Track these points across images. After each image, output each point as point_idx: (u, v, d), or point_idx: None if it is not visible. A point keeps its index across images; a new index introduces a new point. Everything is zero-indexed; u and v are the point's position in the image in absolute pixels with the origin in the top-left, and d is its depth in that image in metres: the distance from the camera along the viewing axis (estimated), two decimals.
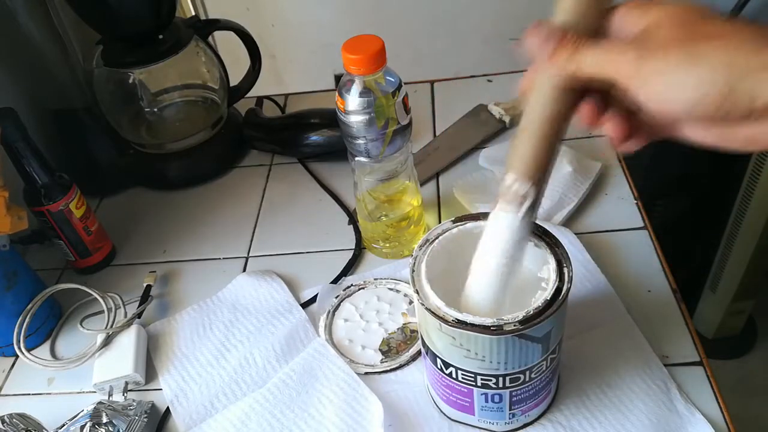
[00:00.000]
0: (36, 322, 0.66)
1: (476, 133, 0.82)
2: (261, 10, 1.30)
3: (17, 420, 0.55)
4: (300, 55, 1.36)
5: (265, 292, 0.66)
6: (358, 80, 0.57)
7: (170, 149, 0.83)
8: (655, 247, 0.65)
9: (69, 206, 0.68)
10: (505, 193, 0.41)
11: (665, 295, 0.61)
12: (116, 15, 0.74)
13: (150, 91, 0.84)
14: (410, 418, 0.54)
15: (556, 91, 0.38)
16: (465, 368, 0.46)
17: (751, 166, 1.10)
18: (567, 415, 0.52)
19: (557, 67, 0.37)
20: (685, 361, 0.55)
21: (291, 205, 0.78)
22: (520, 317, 0.43)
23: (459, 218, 0.50)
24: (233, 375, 0.60)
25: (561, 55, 0.37)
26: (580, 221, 0.69)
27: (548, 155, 0.40)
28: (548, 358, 0.47)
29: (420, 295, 0.45)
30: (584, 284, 0.61)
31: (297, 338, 0.62)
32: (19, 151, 0.64)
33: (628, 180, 0.73)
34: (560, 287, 0.44)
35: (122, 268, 0.74)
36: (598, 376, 0.54)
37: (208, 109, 0.87)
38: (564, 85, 0.38)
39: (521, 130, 0.40)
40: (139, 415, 0.56)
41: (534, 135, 0.39)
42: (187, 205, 0.81)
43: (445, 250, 0.49)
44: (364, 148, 0.60)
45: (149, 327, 0.65)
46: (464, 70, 0.94)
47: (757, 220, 1.14)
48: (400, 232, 0.68)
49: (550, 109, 0.39)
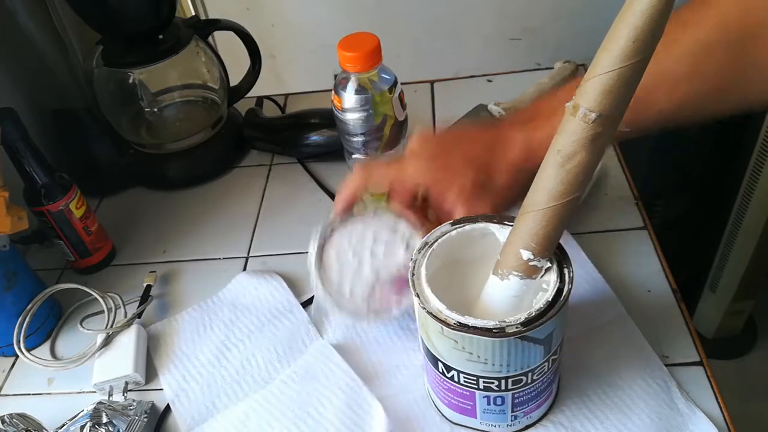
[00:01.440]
0: (36, 322, 0.65)
1: None
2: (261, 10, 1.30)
3: (17, 420, 0.55)
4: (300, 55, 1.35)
5: (265, 291, 0.66)
6: (354, 78, 0.57)
7: (170, 149, 0.83)
8: (655, 247, 0.65)
9: (69, 206, 0.68)
10: (524, 267, 0.44)
11: (665, 296, 0.61)
12: (116, 15, 0.74)
13: (150, 91, 0.84)
14: (411, 421, 0.54)
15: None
16: (467, 371, 0.46)
17: (751, 166, 1.10)
18: (569, 415, 0.52)
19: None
20: (685, 361, 0.55)
21: (291, 205, 0.78)
22: (522, 319, 0.42)
23: (458, 220, 0.50)
24: (234, 375, 0.60)
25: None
26: (580, 221, 0.69)
27: (561, 231, 0.43)
28: (550, 360, 0.47)
29: (421, 299, 0.45)
30: (583, 285, 0.61)
31: (299, 339, 0.62)
32: (19, 151, 0.64)
33: (628, 180, 0.73)
34: (561, 288, 0.44)
35: (122, 268, 0.74)
36: (598, 376, 0.54)
37: (208, 109, 0.86)
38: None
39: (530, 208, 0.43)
40: (139, 415, 0.56)
41: (546, 215, 0.42)
42: (187, 205, 0.81)
43: (445, 253, 0.49)
44: (361, 145, 0.60)
45: (149, 327, 0.65)
46: (464, 70, 0.94)
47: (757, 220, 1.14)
48: None
49: (552, 185, 0.41)
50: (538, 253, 0.43)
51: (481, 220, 0.50)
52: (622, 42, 0.36)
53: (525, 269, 0.44)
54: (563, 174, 0.40)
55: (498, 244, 0.47)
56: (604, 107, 0.38)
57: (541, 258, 0.44)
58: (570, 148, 0.39)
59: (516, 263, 0.44)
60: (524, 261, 0.44)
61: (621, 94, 0.37)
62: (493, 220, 0.49)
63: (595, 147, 0.39)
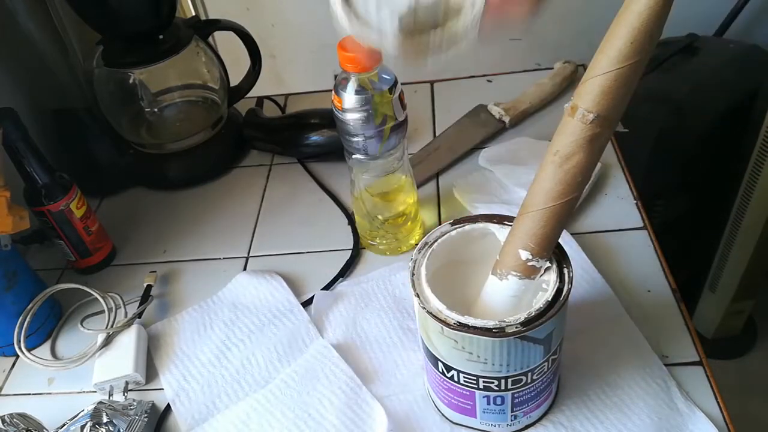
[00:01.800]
0: (36, 322, 0.66)
1: (476, 134, 0.82)
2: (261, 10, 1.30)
3: (18, 420, 0.55)
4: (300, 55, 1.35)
5: (265, 291, 0.66)
6: (354, 78, 0.57)
7: (170, 149, 0.83)
8: (655, 247, 0.65)
9: (69, 206, 0.68)
10: (523, 267, 0.44)
11: (665, 295, 0.61)
12: (116, 15, 0.74)
13: (150, 91, 0.84)
14: (411, 421, 0.54)
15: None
16: (467, 371, 0.46)
17: (750, 166, 1.10)
18: (568, 415, 0.52)
19: None
20: (684, 361, 0.55)
21: (291, 205, 0.78)
22: (522, 319, 0.43)
23: (458, 220, 0.50)
24: (235, 375, 0.60)
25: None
26: (579, 221, 0.69)
27: (559, 231, 0.43)
28: (550, 359, 0.47)
29: (421, 299, 0.45)
30: (583, 285, 0.61)
31: (299, 339, 0.62)
32: (19, 151, 0.64)
33: (628, 180, 0.73)
34: (561, 288, 0.44)
35: (123, 268, 0.74)
36: (598, 376, 0.54)
37: (208, 110, 0.87)
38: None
39: (528, 208, 0.43)
40: (139, 414, 0.56)
41: (544, 215, 0.42)
42: (188, 205, 0.81)
43: (445, 253, 0.49)
44: (361, 145, 0.60)
45: (150, 327, 0.65)
46: (464, 71, 0.94)
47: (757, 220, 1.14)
48: (396, 229, 0.68)
49: (556, 189, 0.41)
50: (537, 253, 0.43)
51: (481, 220, 0.50)
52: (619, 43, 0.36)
53: (523, 269, 0.44)
54: (561, 174, 0.40)
55: (498, 243, 0.47)
56: (601, 108, 0.38)
57: (540, 258, 0.44)
58: (568, 148, 0.40)
59: (514, 263, 0.44)
60: (523, 261, 0.44)
61: (619, 95, 0.37)
62: (493, 220, 0.49)
63: (593, 147, 0.39)
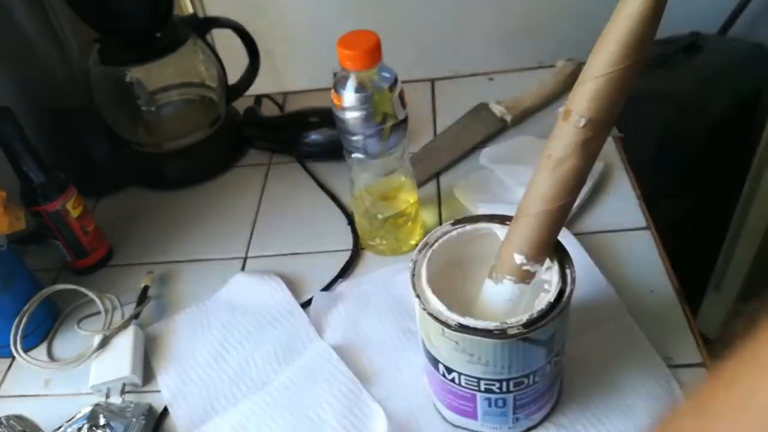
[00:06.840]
0: (33, 323, 0.65)
1: (477, 132, 0.81)
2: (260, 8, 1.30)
3: (14, 422, 0.55)
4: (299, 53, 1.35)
5: (264, 292, 0.66)
6: (354, 76, 0.56)
7: (168, 148, 0.83)
8: (658, 247, 0.64)
9: (66, 206, 0.67)
10: (517, 271, 0.44)
11: (668, 296, 0.60)
12: (114, 13, 0.73)
13: (147, 89, 0.83)
14: (411, 423, 0.53)
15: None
16: (468, 373, 0.45)
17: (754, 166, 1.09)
18: (570, 417, 0.52)
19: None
20: (688, 362, 0.55)
21: (289, 205, 0.78)
22: (524, 320, 0.42)
23: (458, 221, 0.50)
24: (233, 377, 0.59)
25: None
26: (582, 221, 0.68)
27: (554, 236, 0.43)
28: (552, 361, 0.46)
29: (421, 300, 0.45)
30: (585, 286, 0.60)
31: (298, 340, 0.61)
32: (15, 150, 0.63)
33: (631, 180, 0.73)
34: (563, 289, 0.44)
35: (119, 268, 0.74)
36: (600, 377, 0.54)
37: (206, 108, 0.86)
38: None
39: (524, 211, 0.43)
40: (136, 417, 0.55)
41: (538, 219, 0.42)
42: (185, 205, 0.80)
43: (446, 253, 0.49)
44: (361, 144, 0.60)
45: (147, 328, 0.65)
46: (465, 69, 0.93)
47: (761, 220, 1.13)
48: (397, 229, 0.67)
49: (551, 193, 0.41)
50: (531, 257, 0.43)
51: (482, 220, 0.49)
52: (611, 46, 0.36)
53: (518, 274, 0.44)
54: (554, 179, 0.40)
55: (499, 244, 0.46)
56: (594, 112, 0.37)
57: (535, 262, 0.43)
58: (561, 152, 0.39)
59: (509, 267, 0.44)
60: (517, 265, 0.44)
61: (612, 99, 0.37)
62: (494, 220, 0.49)
63: (586, 152, 0.39)
